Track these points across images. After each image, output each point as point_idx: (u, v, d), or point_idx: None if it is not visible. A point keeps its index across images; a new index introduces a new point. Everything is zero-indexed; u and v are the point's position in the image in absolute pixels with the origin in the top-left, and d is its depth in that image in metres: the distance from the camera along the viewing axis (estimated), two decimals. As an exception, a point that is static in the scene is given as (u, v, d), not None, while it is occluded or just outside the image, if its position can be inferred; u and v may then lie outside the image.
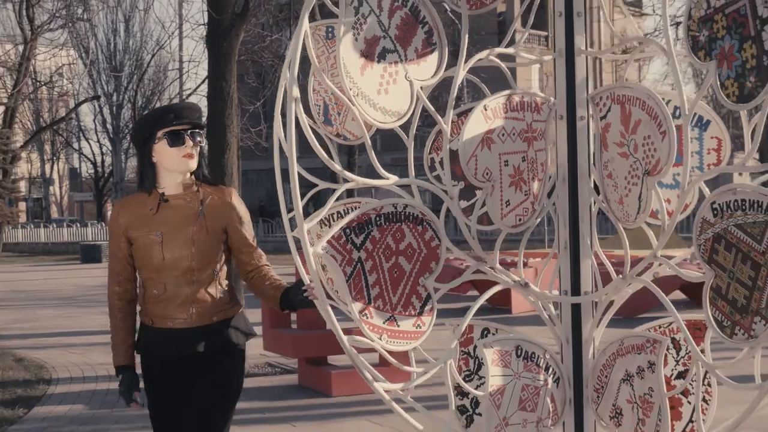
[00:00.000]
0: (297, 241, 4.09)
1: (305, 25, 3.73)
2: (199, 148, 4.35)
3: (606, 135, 4.04)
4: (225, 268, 4.47)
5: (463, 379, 4.29)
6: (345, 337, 3.85)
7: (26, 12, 42.72)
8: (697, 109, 4.17)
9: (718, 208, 3.62)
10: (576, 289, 4.22)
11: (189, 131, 4.30)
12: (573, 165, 4.17)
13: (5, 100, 41.92)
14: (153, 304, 4.41)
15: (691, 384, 4.16)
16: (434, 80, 4.05)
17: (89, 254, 37.01)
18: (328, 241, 3.90)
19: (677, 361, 4.17)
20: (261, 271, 4.46)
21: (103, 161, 59.75)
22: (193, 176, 4.41)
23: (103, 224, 48.63)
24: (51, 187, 75.15)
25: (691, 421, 4.20)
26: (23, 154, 53.33)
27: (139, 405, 4.42)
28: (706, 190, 3.99)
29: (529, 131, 4.15)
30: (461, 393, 4.31)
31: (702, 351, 4.14)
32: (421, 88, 4.06)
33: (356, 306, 3.92)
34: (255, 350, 11.84)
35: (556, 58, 4.19)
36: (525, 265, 15.18)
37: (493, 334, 4.34)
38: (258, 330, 11.40)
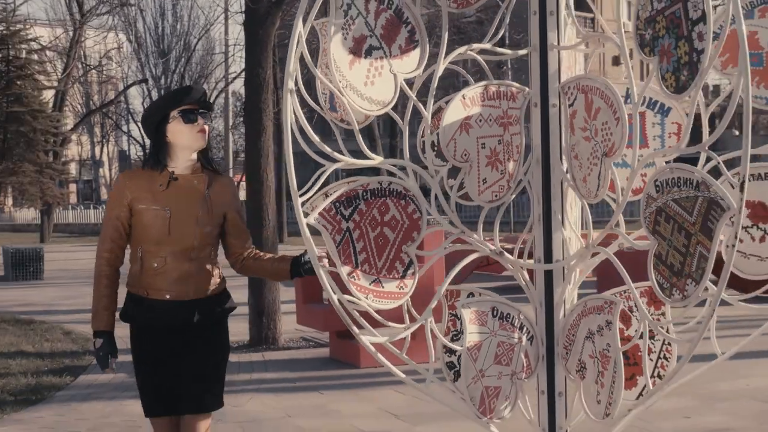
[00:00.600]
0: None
1: (299, 26, 4.09)
2: (208, 128, 4.61)
3: (573, 121, 4.40)
4: (218, 247, 4.75)
5: (451, 339, 4.67)
6: (335, 295, 4.21)
7: (75, -3, 43.34)
8: (659, 97, 4.62)
9: (659, 184, 3.97)
10: (548, 257, 4.59)
11: (199, 111, 4.59)
12: (546, 147, 4.55)
13: (56, 84, 42.63)
14: (151, 276, 4.59)
15: (652, 342, 4.58)
16: (416, 73, 4.40)
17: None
18: (320, 213, 4.26)
19: (640, 323, 4.59)
20: (252, 252, 4.79)
21: (151, 144, 59.77)
22: (199, 163, 4.67)
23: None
24: (101, 169, 75.97)
25: (652, 376, 4.60)
26: (73, 137, 54.08)
27: (114, 371, 4.65)
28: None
29: (505, 117, 4.49)
30: (449, 351, 4.69)
31: (663, 314, 4.60)
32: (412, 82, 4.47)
33: (345, 269, 4.28)
34: (290, 325, 12.29)
35: (531, 52, 4.57)
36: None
37: (477, 298, 4.76)
38: (292, 307, 11.92)
